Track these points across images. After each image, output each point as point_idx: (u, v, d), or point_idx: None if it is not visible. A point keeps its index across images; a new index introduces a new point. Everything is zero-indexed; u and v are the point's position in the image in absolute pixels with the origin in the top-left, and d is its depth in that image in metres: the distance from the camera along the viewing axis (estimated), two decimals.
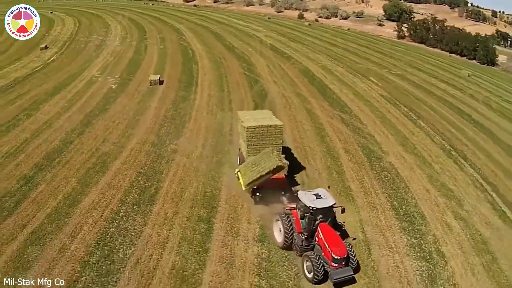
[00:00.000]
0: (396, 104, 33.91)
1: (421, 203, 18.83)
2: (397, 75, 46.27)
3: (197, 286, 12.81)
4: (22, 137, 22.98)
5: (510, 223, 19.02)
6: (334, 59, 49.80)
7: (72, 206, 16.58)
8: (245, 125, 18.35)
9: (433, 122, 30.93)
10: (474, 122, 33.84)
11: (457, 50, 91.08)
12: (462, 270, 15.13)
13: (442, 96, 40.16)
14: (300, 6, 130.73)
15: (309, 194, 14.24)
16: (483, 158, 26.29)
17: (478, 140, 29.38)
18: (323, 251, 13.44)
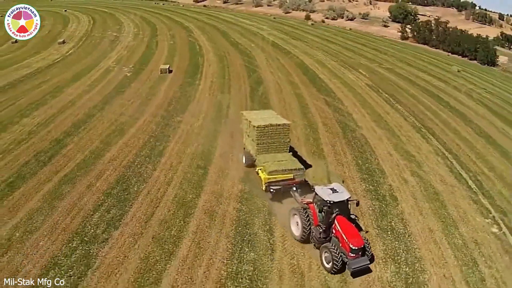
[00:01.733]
0: (379, 92, 37.75)
1: (383, 163, 22.69)
2: (386, 68, 50.00)
3: (193, 209, 16.85)
4: (50, 112, 27.21)
5: (464, 183, 22.67)
6: (329, 54, 53.73)
7: (97, 158, 20.76)
8: (255, 125, 18.79)
9: (410, 106, 34.69)
10: (451, 107, 37.42)
11: (458, 51, 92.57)
12: (411, 210, 18.87)
13: (425, 86, 43.79)
14: (307, 7, 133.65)
15: (325, 189, 14.86)
16: (450, 135, 29.97)
17: (450, 121, 33.02)
18: (340, 242, 14.01)
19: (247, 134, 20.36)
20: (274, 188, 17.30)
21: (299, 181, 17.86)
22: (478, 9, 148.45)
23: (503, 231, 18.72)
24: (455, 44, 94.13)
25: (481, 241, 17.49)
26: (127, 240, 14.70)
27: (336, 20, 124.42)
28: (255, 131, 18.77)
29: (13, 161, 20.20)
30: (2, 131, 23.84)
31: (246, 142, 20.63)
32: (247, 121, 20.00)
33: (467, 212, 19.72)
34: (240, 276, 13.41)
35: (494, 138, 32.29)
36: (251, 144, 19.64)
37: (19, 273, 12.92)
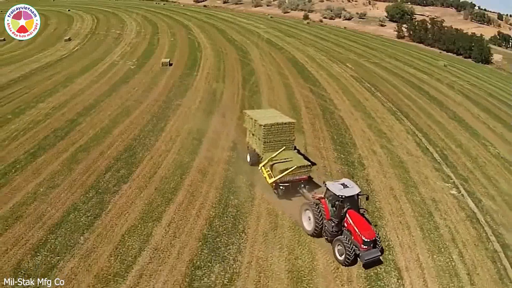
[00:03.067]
0: (362, 82, 41.00)
1: (356, 138, 25.94)
2: (373, 63, 53.26)
3: (189, 169, 20.09)
4: (63, 99, 30.42)
5: (430, 155, 25.88)
6: (320, 50, 57.04)
7: (107, 133, 24.00)
8: (261, 123, 19.05)
9: (389, 94, 37.92)
10: (430, 96, 40.63)
11: (453, 49, 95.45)
12: (375, 173, 22.05)
13: (408, 78, 47.02)
14: (305, 7, 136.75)
15: (336, 184, 15.29)
16: (424, 118, 33.17)
17: (426, 107, 36.23)
18: (353, 235, 14.44)
19: (251, 133, 20.54)
20: (283, 185, 17.75)
21: (306, 178, 18.45)
22: (477, 9, 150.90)
23: (461, 193, 21.87)
24: (450, 42, 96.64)
25: (439, 199, 20.62)
26: (134, 191, 17.92)
27: (334, 20, 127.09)
28: (262, 130, 18.99)
29: (34, 137, 23.39)
30: (21, 113, 27.03)
31: (251, 141, 20.79)
32: (252, 120, 20.13)
33: (429, 177, 22.91)
34: (225, 216, 16.62)
35: (467, 121, 35.51)
36: (257, 143, 19.88)
37: (44, 216, 16.00)
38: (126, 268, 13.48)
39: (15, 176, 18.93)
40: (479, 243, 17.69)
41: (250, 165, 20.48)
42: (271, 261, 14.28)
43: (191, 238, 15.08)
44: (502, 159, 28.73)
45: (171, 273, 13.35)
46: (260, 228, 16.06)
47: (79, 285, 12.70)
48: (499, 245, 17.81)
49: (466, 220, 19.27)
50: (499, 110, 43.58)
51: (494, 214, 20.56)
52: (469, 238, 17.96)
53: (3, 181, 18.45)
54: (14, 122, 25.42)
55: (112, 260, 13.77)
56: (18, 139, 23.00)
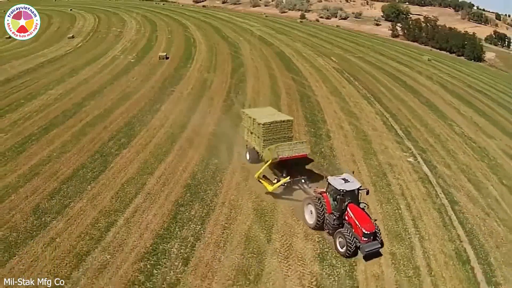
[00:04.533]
0: (342, 73, 44.59)
1: (327, 117, 29.49)
2: (357, 57, 56.84)
3: (178, 138, 23.70)
4: (69, 87, 33.98)
5: (394, 131, 29.36)
6: (308, 46, 60.68)
7: (110, 113, 27.57)
8: (260, 122, 19.48)
9: (367, 83, 41.45)
10: (406, 85, 44.13)
11: (446, 47, 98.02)
12: (339, 144, 25.52)
13: (389, 70, 50.53)
14: (302, 7, 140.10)
15: (337, 179, 15.80)
16: (396, 103, 36.66)
17: (400, 94, 39.73)
18: (353, 228, 14.91)
19: (250, 131, 20.98)
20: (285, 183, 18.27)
21: (305, 155, 19.62)
22: (476, 9, 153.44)
23: (418, 161, 25.25)
24: (443, 41, 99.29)
25: (395, 164, 24.03)
26: (132, 154, 21.50)
27: (330, 19, 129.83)
28: (261, 128, 19.48)
29: (45, 116, 26.91)
30: (33, 98, 30.56)
31: (249, 139, 21.22)
32: (250, 118, 20.56)
33: (389, 147, 26.40)
34: (206, 171, 20.19)
35: (438, 106, 38.95)
36: (256, 141, 20.34)
37: (58, 172, 19.50)
38: (124, 206, 17.01)
39: (32, 145, 22.45)
40: (427, 198, 20.83)
41: (250, 163, 21.11)
42: (241, 202, 17.82)
43: (177, 186, 18.65)
44: (466, 137, 32.13)
45: (160, 209, 16.89)
46: (234, 179, 19.62)
47: (87, 218, 16.15)
48: (447, 201, 20.88)
49: (418, 181, 22.61)
50: (474, 99, 46.98)
51: (446, 178, 23.81)
52: (419, 194, 21.16)
53: (21, 149, 21.95)
54: (27, 105, 28.93)
55: (113, 201, 17.30)
56: (32, 118, 26.54)
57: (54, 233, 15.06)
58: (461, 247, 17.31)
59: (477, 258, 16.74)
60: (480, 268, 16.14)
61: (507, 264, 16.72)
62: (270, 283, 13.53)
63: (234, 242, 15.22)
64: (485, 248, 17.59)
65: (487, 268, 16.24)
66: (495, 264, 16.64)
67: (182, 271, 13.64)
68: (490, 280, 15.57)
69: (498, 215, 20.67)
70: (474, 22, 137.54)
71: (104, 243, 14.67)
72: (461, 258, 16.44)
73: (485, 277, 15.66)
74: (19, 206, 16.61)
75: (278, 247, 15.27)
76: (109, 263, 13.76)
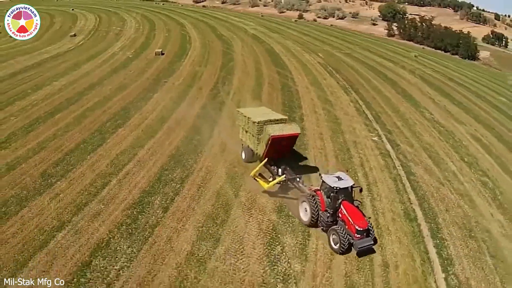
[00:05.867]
0: (326, 67, 47.73)
1: (303, 103, 32.64)
2: (345, 53, 59.98)
3: (168, 119, 26.90)
4: (72, 79, 37.14)
5: (364, 116, 32.49)
6: (298, 43, 63.89)
7: (108, 100, 30.79)
8: (255, 121, 19.78)
9: (348, 75, 44.56)
10: (386, 78, 47.17)
11: (441, 46, 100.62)
12: (311, 125, 28.60)
13: (373, 65, 53.58)
14: (300, 7, 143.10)
15: (331, 177, 16.22)
16: (372, 93, 39.73)
17: (378, 85, 42.78)
18: (346, 225, 15.29)
19: (244, 130, 21.33)
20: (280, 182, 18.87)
21: (297, 134, 19.87)
22: (475, 9, 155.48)
23: (382, 140, 28.31)
24: (438, 40, 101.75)
25: (359, 142, 27.13)
26: (127, 132, 24.72)
27: (327, 19, 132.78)
28: (255, 127, 19.83)
29: (50, 103, 30.09)
30: (38, 89, 33.69)
31: (244, 138, 21.59)
32: (245, 117, 20.84)
33: (356, 129, 29.50)
34: (189, 145, 23.42)
35: (414, 96, 41.94)
36: (250, 139, 20.73)
37: (62, 147, 22.67)
38: (118, 170, 20.21)
39: (39, 126, 25.59)
40: (385, 169, 23.79)
41: (245, 161, 21.72)
42: (216, 168, 21.01)
43: (163, 156, 21.88)
44: (435, 122, 35.04)
45: (147, 172, 20.11)
46: (212, 151, 22.85)
47: (86, 179, 19.30)
48: (404, 172, 23.77)
49: (379, 156, 25.66)
50: (453, 90, 49.85)
51: (407, 154, 26.73)
52: (377, 165, 24.16)
53: (30, 129, 25.09)
54: (34, 94, 32.03)
55: (109, 167, 20.51)
56: (39, 105, 29.73)
57: (58, 191, 18.24)
58: (410, 208, 20.00)
59: (425, 218, 19.33)
60: (426, 225, 18.72)
61: (454, 224, 19.28)
62: (233, 226, 16.67)
63: (207, 197, 18.41)
64: (434, 211, 20.17)
65: (434, 226, 18.76)
66: (442, 223, 19.18)
67: (162, 216, 16.83)
68: (436, 235, 17.98)
69: (453, 185, 23.38)
70: (472, 22, 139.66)
71: (100, 197, 17.87)
72: (409, 217, 19.10)
73: (431, 233, 18.14)
74: (28, 172, 19.77)
75: (244, 201, 18.43)
76: (102, 211, 16.95)
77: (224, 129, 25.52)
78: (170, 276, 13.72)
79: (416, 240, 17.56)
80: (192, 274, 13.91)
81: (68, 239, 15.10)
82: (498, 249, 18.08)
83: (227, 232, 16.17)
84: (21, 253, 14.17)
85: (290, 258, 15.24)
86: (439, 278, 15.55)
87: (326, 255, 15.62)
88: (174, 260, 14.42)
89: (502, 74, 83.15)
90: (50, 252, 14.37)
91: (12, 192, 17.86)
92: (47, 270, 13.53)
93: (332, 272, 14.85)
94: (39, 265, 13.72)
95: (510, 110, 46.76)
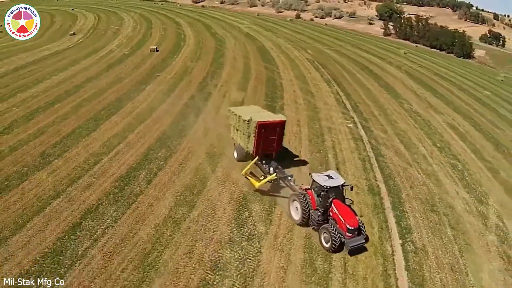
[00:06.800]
0: (313, 62, 49.94)
1: (285, 94, 34.90)
2: (334, 50, 62.18)
3: (158, 109, 29.11)
4: (70, 74, 39.41)
5: (343, 105, 34.71)
6: (289, 41, 66.14)
7: (104, 91, 33.00)
8: (246, 119, 19.92)
9: (333, 70, 46.75)
10: (371, 73, 49.29)
11: (436, 45, 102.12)
12: (290, 113, 30.66)
13: (360, 61, 55.72)
14: (298, 7, 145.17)
15: (322, 176, 16.26)
16: (354, 85, 41.88)
17: (361, 79, 44.91)
18: (338, 223, 15.35)
19: (236, 129, 21.45)
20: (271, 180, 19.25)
21: (284, 120, 20.53)
22: (475, 9, 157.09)
23: (357, 127, 30.42)
24: (434, 39, 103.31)
25: (334, 128, 29.29)
26: (119, 119, 26.96)
27: (325, 19, 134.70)
28: (246, 125, 20.01)
29: (50, 95, 32.32)
30: (39, 82, 35.92)
31: (235, 136, 21.72)
32: (236, 116, 21.01)
33: (333, 116, 31.69)
34: (175, 129, 25.67)
35: (396, 89, 44.02)
36: (241, 137, 20.86)
37: (60, 131, 24.95)
38: (109, 150, 22.45)
39: (39, 115, 27.82)
40: (355, 151, 25.84)
41: (237, 160, 21.96)
42: (197, 149, 23.27)
43: (151, 138, 24.18)
44: (413, 112, 37.08)
45: (135, 152, 22.38)
46: (196, 135, 25.18)
47: (80, 157, 21.47)
48: (374, 153, 25.73)
49: (351, 140, 27.78)
50: (437, 84, 51.82)
51: (379, 139, 28.72)
52: (348, 147, 26.27)
53: (30, 117, 27.29)
54: (34, 87, 34.25)
55: (101, 148, 22.76)
56: (39, 96, 32.00)
57: (55, 167, 20.49)
58: (375, 184, 21.89)
59: (388, 193, 21.14)
60: (389, 199, 20.49)
61: (417, 199, 20.95)
62: (208, 195, 18.91)
63: (187, 172, 20.68)
64: (398, 187, 21.93)
65: (396, 200, 20.50)
66: (405, 198, 20.86)
67: (145, 187, 19.10)
68: (397, 208, 19.59)
69: (421, 166, 25.16)
70: (471, 22, 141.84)
71: (91, 172, 20.15)
72: (372, 191, 20.96)
73: (392, 206, 19.85)
74: (29, 152, 22.01)
75: (219, 175, 20.68)
76: (94, 183, 19.23)
77: (208, 116, 27.82)
78: (148, 233, 15.96)
79: (376, 211, 19.38)
80: (168, 232, 16.14)
81: (62, 205, 17.33)
82: (460, 222, 19.53)
83: (201, 200, 18.41)
84: (21, 217, 16.38)
85: (256, 221, 17.43)
86: (395, 244, 17.13)
87: (289, 220, 17.73)
88: (153, 222, 16.66)
89: (493, 71, 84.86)
90: (46, 216, 16.59)
91: (14, 169, 20.08)
92: (43, 229, 15.75)
93: (293, 234, 16.97)
94: (36, 226, 15.93)
95: (493, 103, 48.63)
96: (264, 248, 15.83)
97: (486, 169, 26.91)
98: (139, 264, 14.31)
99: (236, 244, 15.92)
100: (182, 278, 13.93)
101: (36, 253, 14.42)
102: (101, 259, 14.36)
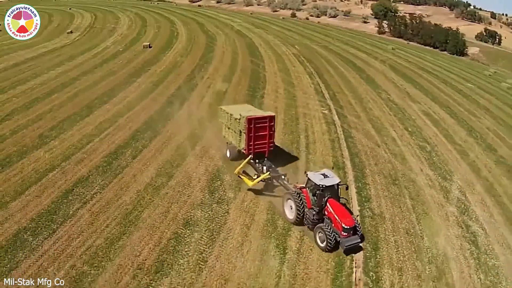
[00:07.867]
0: (299, 57, 52.38)
1: (267, 85, 37.39)
2: (322, 46, 64.63)
3: (147, 97, 31.66)
4: (67, 68, 41.75)
5: (321, 95, 37.13)
6: (279, 37, 68.63)
7: (98, 83, 35.42)
8: (237, 117, 20.13)
9: (317, 64, 49.17)
10: (355, 67, 51.67)
11: (430, 43, 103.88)
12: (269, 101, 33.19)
13: (346, 56, 58.13)
14: (294, 6, 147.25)
15: (317, 174, 16.12)
16: (335, 77, 44.30)
17: (343, 72, 47.32)
18: (333, 222, 15.20)
19: (227, 127, 21.62)
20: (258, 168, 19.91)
21: (273, 115, 20.92)
22: (473, 8, 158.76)
23: (331, 112, 32.76)
24: (428, 36, 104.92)
25: (309, 113, 31.65)
26: (111, 107, 29.43)
27: (320, 18, 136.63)
28: (237, 123, 20.25)
29: (48, 87, 34.65)
30: (37, 76, 38.24)
31: (227, 135, 21.93)
32: (227, 114, 21.19)
33: (310, 104, 34.09)
34: (161, 115, 28.11)
35: (376, 81, 46.34)
36: (233, 136, 21.09)
37: (57, 117, 27.44)
38: (100, 132, 24.88)
39: (38, 104, 30.20)
40: (326, 133, 28.11)
41: (230, 159, 22.01)
42: (180, 131, 25.73)
43: (138, 122, 26.69)
44: (389, 101, 39.40)
45: (123, 134, 24.86)
46: (180, 120, 27.64)
47: (74, 139, 23.90)
48: (344, 135, 27.87)
49: (324, 124, 30.12)
50: (419, 77, 54.03)
51: (352, 123, 30.97)
52: (319, 130, 28.57)
53: (29, 106, 29.68)
54: (33, 81, 36.57)
55: (93, 130, 25.19)
56: (37, 88, 34.41)
57: (52, 146, 22.92)
58: (341, 161, 23.98)
59: (352, 168, 23.15)
60: (352, 173, 22.45)
61: (380, 174, 22.89)
62: (186, 168, 21.36)
63: (168, 149, 23.18)
64: (363, 164, 23.91)
65: (359, 174, 22.41)
66: (368, 173, 22.77)
67: (131, 161, 21.59)
68: (359, 181, 21.51)
69: (388, 147, 27.24)
70: (467, 21, 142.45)
71: (84, 150, 22.60)
72: (337, 166, 22.98)
73: (355, 179, 21.68)
74: (28, 135, 24.39)
75: (198, 152, 23.15)
76: (85, 158, 21.70)
77: (192, 103, 30.36)
78: (131, 197, 18.42)
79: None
80: (148, 197, 18.60)
81: (57, 177, 19.78)
82: (420, 194, 20.95)
83: (179, 172, 20.88)
84: (20, 186, 18.77)
85: (226, 189, 19.87)
86: (354, 210, 18.88)
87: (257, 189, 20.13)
88: (135, 188, 19.12)
89: (483, 66, 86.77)
90: (42, 185, 19.00)
91: (14, 148, 22.52)
92: (39, 195, 18.15)
93: (259, 199, 19.33)
94: (33, 193, 18.29)
95: (474, 94, 50.55)
96: (231, 210, 18.23)
97: (455, 151, 28.66)
98: (121, 221, 16.74)
99: (207, 206, 18.30)
100: (157, 231, 16.34)
101: (33, 213, 16.77)
102: (89, 217, 16.80)
